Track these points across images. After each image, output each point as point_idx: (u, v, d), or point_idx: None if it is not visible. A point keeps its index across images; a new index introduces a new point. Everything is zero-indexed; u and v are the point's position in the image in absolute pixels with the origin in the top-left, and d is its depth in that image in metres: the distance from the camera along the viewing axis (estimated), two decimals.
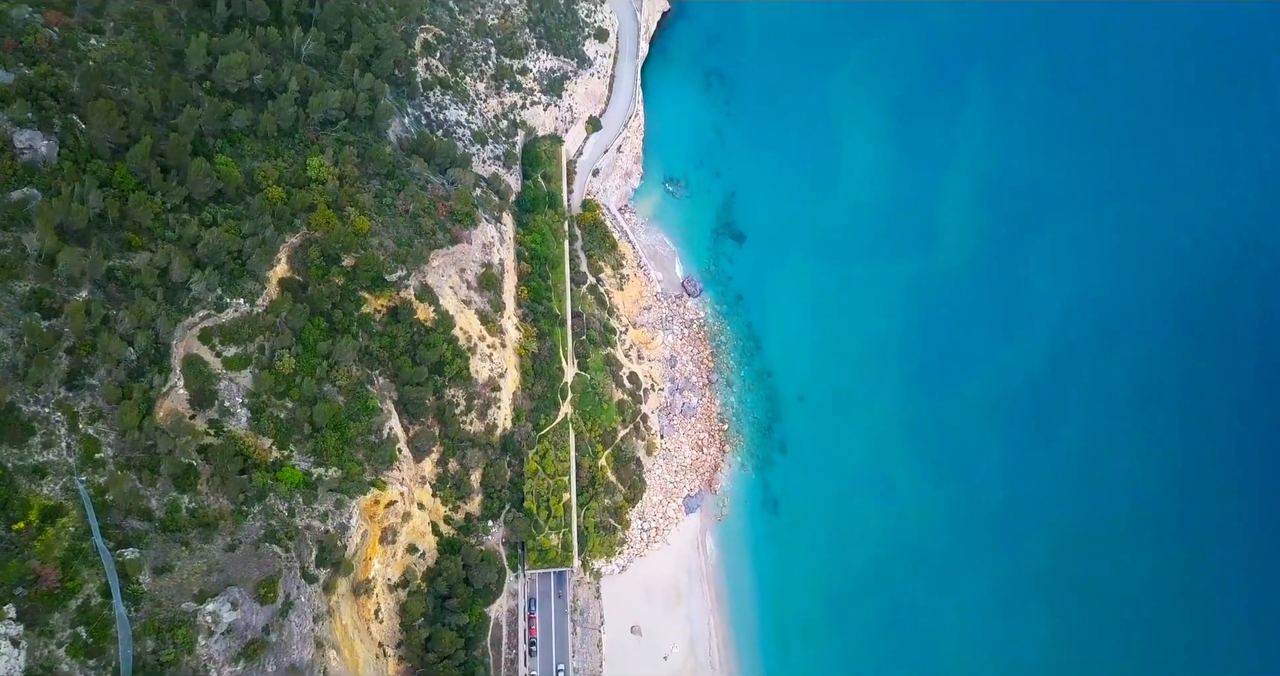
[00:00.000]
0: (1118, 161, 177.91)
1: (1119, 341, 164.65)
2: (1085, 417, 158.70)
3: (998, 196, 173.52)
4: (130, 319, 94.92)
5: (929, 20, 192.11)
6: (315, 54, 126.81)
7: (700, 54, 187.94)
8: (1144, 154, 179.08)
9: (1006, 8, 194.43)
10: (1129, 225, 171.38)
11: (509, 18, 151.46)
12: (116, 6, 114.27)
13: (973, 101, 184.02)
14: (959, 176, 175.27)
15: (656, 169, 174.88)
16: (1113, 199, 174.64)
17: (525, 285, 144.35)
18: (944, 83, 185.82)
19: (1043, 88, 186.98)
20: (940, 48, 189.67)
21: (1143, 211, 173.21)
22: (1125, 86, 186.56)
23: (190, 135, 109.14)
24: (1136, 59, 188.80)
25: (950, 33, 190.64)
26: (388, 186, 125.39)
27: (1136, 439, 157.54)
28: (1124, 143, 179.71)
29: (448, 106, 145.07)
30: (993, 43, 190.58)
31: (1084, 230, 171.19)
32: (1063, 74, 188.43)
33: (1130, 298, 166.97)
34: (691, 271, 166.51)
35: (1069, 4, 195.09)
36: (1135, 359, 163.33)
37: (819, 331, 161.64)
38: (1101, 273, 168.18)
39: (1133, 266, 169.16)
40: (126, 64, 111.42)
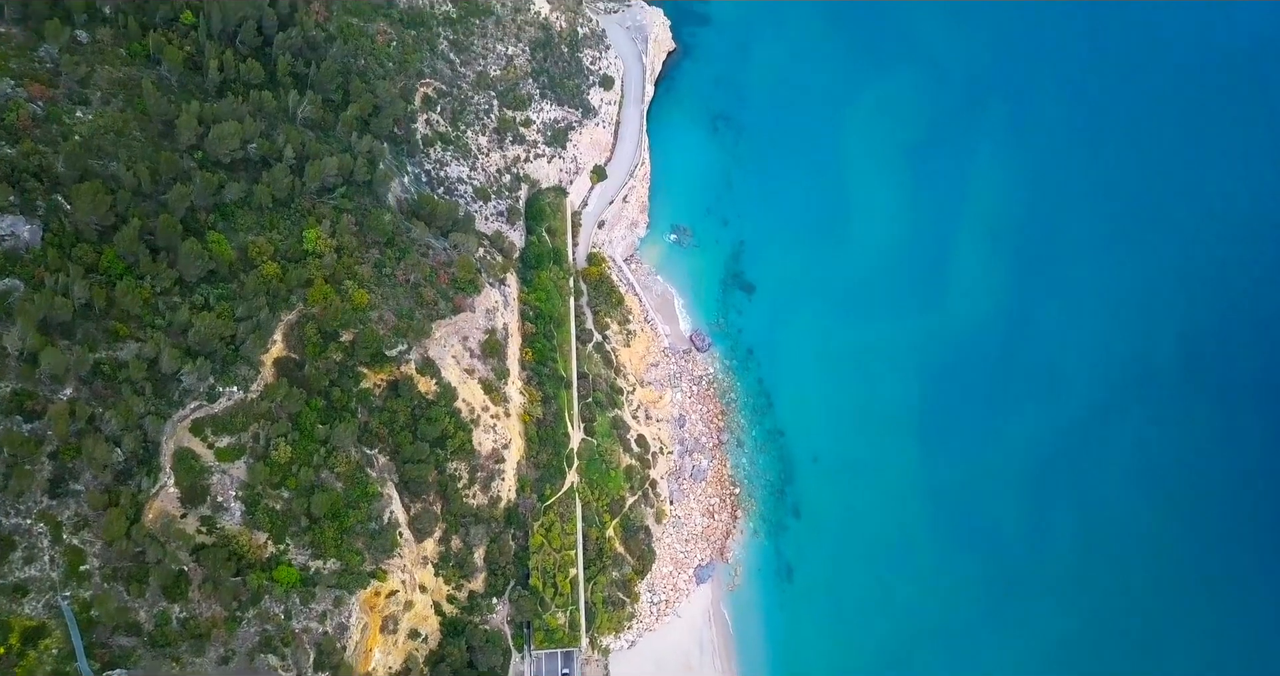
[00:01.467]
0: (1141, 209, 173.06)
1: (1147, 399, 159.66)
2: (1113, 479, 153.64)
3: (1015, 246, 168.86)
4: (117, 420, 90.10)
5: (940, 63, 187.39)
6: (311, 117, 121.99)
7: (707, 96, 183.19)
8: (1168, 200, 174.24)
9: (1019, 50, 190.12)
10: (1155, 277, 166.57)
11: (512, 68, 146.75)
12: (103, 74, 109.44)
13: (986, 147, 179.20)
14: (974, 225, 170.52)
15: (663, 217, 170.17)
16: (1137, 247, 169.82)
17: (529, 347, 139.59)
18: (957, 127, 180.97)
19: (1058, 132, 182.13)
20: (952, 91, 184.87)
21: (1169, 262, 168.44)
22: (1146, 132, 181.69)
23: (181, 212, 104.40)
24: (1157, 103, 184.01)
25: (962, 76, 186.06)
26: (388, 255, 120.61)
27: (1167, 502, 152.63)
28: (1147, 190, 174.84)
29: (449, 163, 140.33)
30: (1006, 86, 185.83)
31: (1107, 282, 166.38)
32: (1079, 118, 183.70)
33: (1158, 353, 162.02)
34: (700, 325, 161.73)
35: (1081, 45, 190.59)
36: (1166, 418, 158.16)
37: (833, 388, 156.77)
38: (1128, 326, 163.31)
39: (1160, 320, 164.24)
40: (114, 136, 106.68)
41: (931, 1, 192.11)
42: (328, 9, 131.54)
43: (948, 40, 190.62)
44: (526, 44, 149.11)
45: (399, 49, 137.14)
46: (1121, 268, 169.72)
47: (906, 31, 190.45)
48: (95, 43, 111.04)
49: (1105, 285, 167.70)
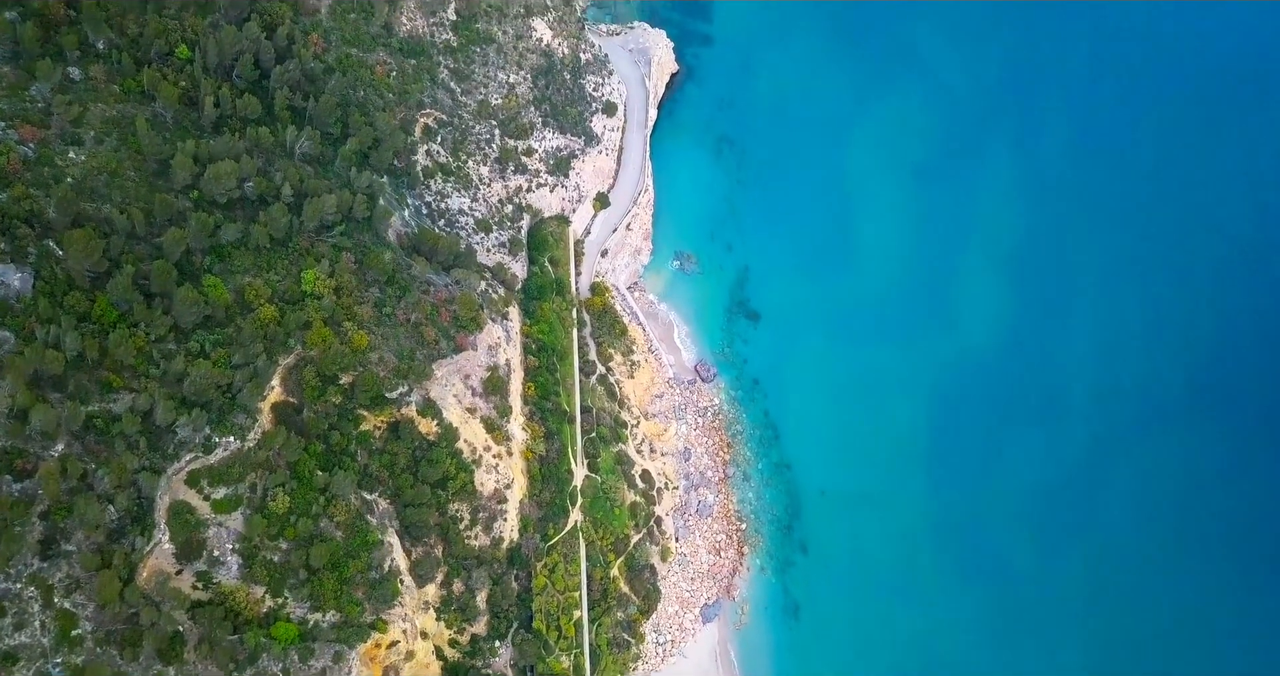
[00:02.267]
0: (1149, 231, 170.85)
1: (1154, 427, 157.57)
2: (1120, 509, 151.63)
3: (1021, 270, 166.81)
4: (111, 478, 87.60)
5: (945, 80, 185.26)
6: (310, 152, 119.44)
7: (710, 118, 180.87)
8: (1177, 222, 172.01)
9: (1024, 67, 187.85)
10: (1163, 301, 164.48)
11: (513, 97, 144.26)
12: (96, 112, 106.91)
13: (992, 168, 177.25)
14: (980, 249, 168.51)
15: (666, 243, 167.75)
16: (1144, 271, 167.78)
17: (532, 381, 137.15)
18: (962, 148, 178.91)
19: (1064, 151, 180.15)
20: (958, 110, 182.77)
21: (1177, 286, 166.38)
22: (1154, 151, 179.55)
23: (176, 256, 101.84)
24: (1165, 121, 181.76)
25: (967, 94, 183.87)
26: (388, 293, 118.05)
27: (1176, 532, 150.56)
28: (1155, 212, 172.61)
29: (450, 194, 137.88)
30: (1012, 104, 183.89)
31: (1114, 307, 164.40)
32: (1086, 136, 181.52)
33: (1167, 379, 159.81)
34: (704, 354, 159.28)
35: (1088, 59, 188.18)
36: (1174, 447, 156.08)
37: (839, 419, 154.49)
38: (1135, 352, 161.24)
39: (1169, 346, 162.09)
40: (108, 177, 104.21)
41: (935, 18, 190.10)
42: (326, 40, 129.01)
43: (952, 57, 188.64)
44: (528, 71, 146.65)
45: (399, 79, 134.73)
46: (1129, 292, 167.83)
47: (911, 49, 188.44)
48: (88, 80, 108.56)
49: (1112, 310, 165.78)
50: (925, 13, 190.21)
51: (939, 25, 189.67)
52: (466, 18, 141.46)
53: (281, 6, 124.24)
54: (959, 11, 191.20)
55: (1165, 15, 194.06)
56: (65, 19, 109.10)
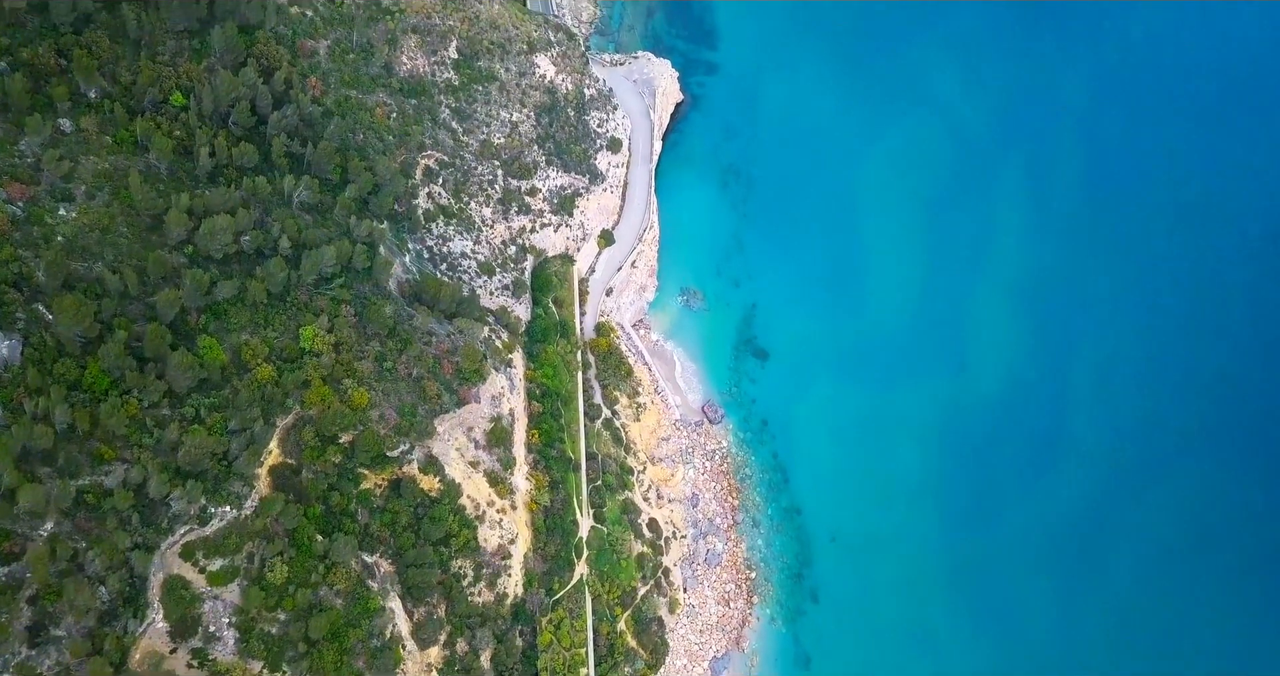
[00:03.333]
0: (1166, 265, 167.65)
1: (1172, 470, 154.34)
2: (1140, 556, 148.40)
3: (1035, 307, 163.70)
4: (102, 559, 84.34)
5: (954, 109, 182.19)
6: (308, 201, 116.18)
7: (716, 148, 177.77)
8: (1193, 255, 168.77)
9: (1034, 95, 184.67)
10: (1182, 339, 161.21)
11: (516, 136, 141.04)
12: (88, 166, 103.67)
13: (1004, 200, 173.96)
14: (993, 284, 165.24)
15: (672, 279, 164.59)
16: (1162, 307, 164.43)
17: (536, 428, 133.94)
18: (973, 178, 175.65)
19: (1077, 182, 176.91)
20: (968, 139, 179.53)
21: (1197, 323, 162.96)
22: (1168, 181, 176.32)
23: (170, 317, 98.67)
24: (1180, 149, 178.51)
25: (980, 125, 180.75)
26: (389, 346, 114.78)
27: (1196, 579, 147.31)
28: (1172, 244, 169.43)
29: (452, 238, 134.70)
30: (1022, 133, 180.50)
31: (1131, 344, 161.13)
32: (1098, 166, 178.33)
33: (1187, 421, 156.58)
34: (711, 394, 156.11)
35: (1099, 88, 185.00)
36: (1191, 489, 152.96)
37: (850, 460, 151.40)
38: (1154, 392, 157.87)
39: (1188, 387, 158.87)
40: (100, 234, 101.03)
41: (943, 45, 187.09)
42: (325, 82, 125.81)
43: (961, 84, 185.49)
44: (531, 109, 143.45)
45: (399, 120, 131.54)
46: (1144, 329, 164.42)
47: (919, 76, 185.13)
48: (80, 132, 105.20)
49: (1127, 349, 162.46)
50: (933, 40, 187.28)
51: (947, 52, 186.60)
52: (468, 56, 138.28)
53: (279, 50, 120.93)
54: (967, 37, 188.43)
55: (1179, 39, 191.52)
56: (56, 69, 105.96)
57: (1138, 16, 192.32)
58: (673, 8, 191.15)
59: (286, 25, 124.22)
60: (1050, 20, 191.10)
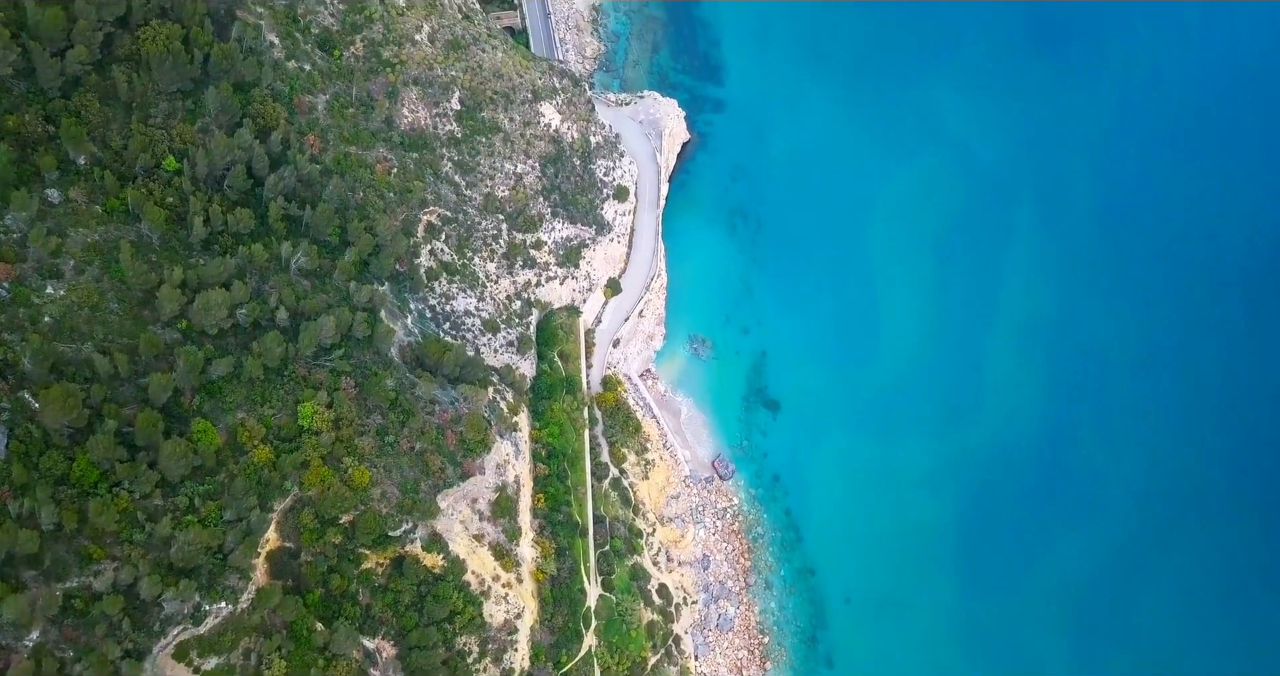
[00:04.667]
0: (1184, 310, 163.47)
1: (1195, 525, 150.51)
2: (1165, 615, 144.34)
3: (1052, 356, 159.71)
4: (91, 671, 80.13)
5: (970, 149, 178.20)
6: (306, 267, 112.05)
7: (724, 189, 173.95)
8: (1215, 299, 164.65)
9: (1047, 133, 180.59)
10: (1202, 387, 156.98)
11: (520, 188, 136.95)
12: (77, 238, 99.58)
13: (1017, 241, 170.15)
14: (1008, 331, 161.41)
15: (680, 327, 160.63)
16: (1181, 353, 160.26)
17: (542, 491, 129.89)
18: (986, 219, 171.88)
19: (1091, 223, 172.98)
20: (980, 178, 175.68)
21: (1217, 370, 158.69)
22: (1187, 219, 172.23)
23: (163, 400, 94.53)
24: (1200, 188, 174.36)
25: (992, 163, 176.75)
26: (390, 419, 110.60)
27: (1223, 639, 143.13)
28: (1190, 288, 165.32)
29: (455, 296, 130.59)
30: (1035, 172, 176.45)
31: (1150, 393, 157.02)
32: (1113, 206, 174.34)
33: (1206, 472, 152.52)
34: (722, 448, 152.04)
35: (1113, 123, 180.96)
36: (1217, 543, 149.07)
37: (863, 516, 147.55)
38: (1173, 443, 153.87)
39: (1208, 436, 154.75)
40: (89, 312, 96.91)
41: (954, 81, 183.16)
42: (324, 139, 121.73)
43: (972, 121, 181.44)
44: (536, 160, 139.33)
45: (400, 176, 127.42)
46: (1165, 377, 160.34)
47: (930, 114, 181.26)
48: (68, 202, 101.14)
49: (1148, 397, 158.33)
50: (943, 74, 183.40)
51: (958, 87, 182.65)
52: (471, 107, 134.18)
53: (275, 107, 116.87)
54: (977, 71, 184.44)
55: (1194, 73, 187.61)
56: (43, 136, 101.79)
57: (1150, 49, 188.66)
58: (678, 43, 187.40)
59: (284, 81, 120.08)
60: (1061, 54, 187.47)
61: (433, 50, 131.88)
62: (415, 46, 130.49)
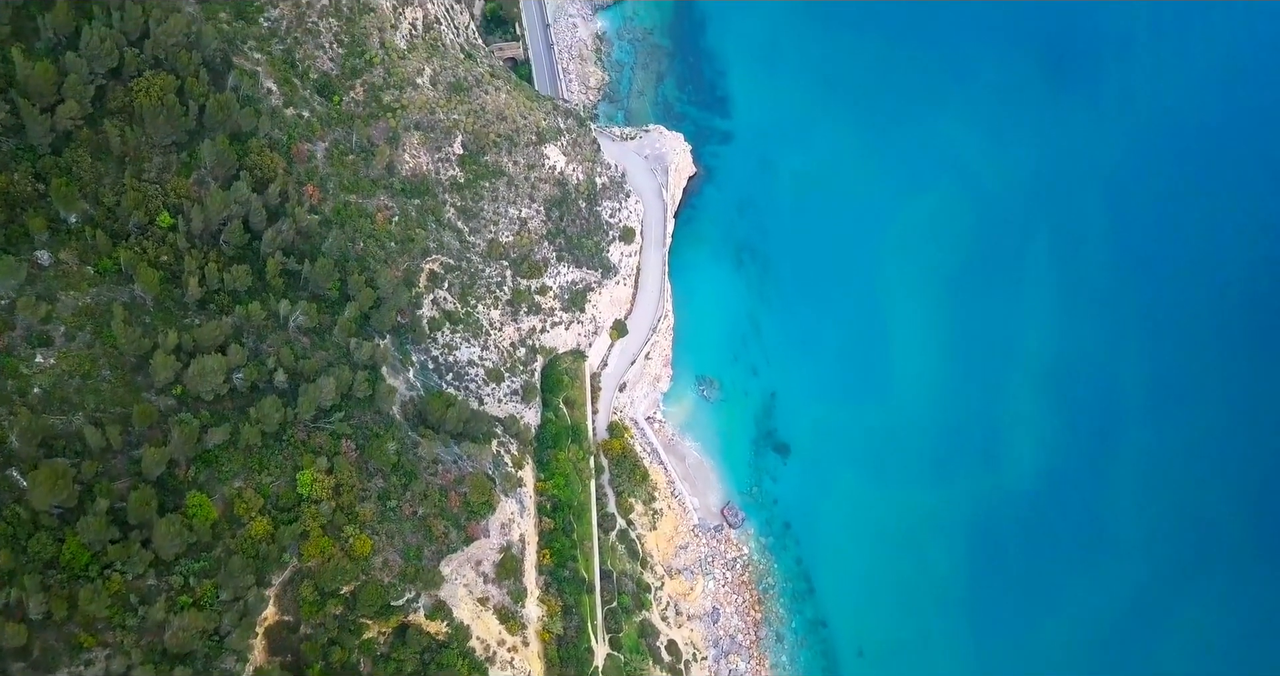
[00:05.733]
0: (1202, 347, 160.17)
1: (1216, 568, 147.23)
2: (1187, 658, 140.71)
3: (1066, 395, 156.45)
4: None
5: (980, 182, 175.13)
6: (305, 325, 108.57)
7: (731, 224, 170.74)
8: (1233, 336, 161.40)
9: (1061, 164, 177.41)
10: (1222, 431, 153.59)
11: (525, 233, 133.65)
12: (68, 303, 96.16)
13: (1034, 279, 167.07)
14: (1022, 371, 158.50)
15: (687, 367, 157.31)
16: (1200, 395, 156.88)
17: (548, 547, 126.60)
18: (998, 255, 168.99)
19: (1106, 258, 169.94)
20: (992, 212, 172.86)
21: (1236, 411, 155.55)
22: (1202, 253, 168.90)
23: (157, 474, 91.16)
24: (1214, 221, 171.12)
25: (1003, 196, 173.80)
26: (392, 482, 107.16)
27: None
28: (1207, 322, 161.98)
29: (458, 346, 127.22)
30: (1051, 208, 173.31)
31: (1168, 437, 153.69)
32: (1129, 241, 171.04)
33: (1225, 518, 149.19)
34: (731, 495, 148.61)
35: (1127, 155, 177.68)
36: (1238, 586, 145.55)
37: (876, 565, 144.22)
38: (1191, 489, 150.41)
39: (1228, 481, 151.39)
40: (80, 380, 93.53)
41: (963, 111, 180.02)
42: (323, 188, 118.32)
43: (982, 154, 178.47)
44: (541, 203, 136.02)
45: (401, 224, 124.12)
46: (1181, 416, 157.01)
47: (942, 146, 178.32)
48: (58, 264, 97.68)
49: (1163, 437, 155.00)
50: (955, 104, 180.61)
51: (968, 119, 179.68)
52: (474, 151, 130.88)
53: (273, 157, 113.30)
54: (990, 101, 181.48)
55: (1209, 103, 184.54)
56: (33, 195, 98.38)
57: (1163, 80, 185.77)
58: (683, 73, 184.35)
59: (281, 129, 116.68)
60: (1072, 84, 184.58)
61: (435, 93, 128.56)
62: (417, 90, 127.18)
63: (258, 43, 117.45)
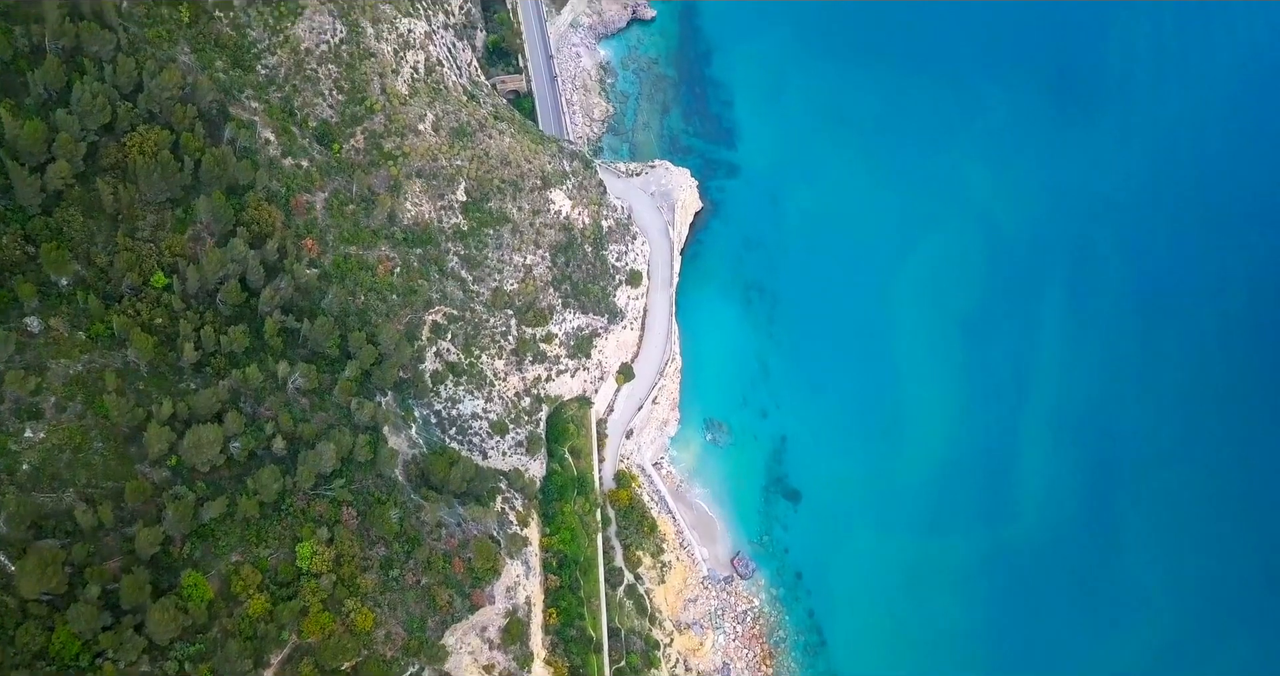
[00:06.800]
0: (1223, 393, 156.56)
1: (1238, 620, 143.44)
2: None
3: (1086, 444, 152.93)
4: None
5: (994, 219, 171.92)
6: (304, 386, 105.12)
7: (738, 261, 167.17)
8: (1254, 381, 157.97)
9: (1076, 198, 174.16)
10: (1243, 478, 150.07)
11: (530, 280, 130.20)
12: (58, 372, 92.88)
13: (1047, 319, 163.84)
14: (1039, 418, 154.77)
15: (695, 410, 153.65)
16: (1222, 441, 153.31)
17: (554, 605, 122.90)
18: (1012, 295, 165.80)
19: (1123, 298, 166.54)
20: (1005, 251, 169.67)
21: (1260, 458, 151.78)
22: (1220, 295, 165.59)
23: (150, 553, 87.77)
24: (1232, 261, 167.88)
25: (1017, 234, 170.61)
26: (395, 550, 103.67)
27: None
28: (1228, 367, 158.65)
29: (461, 399, 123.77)
30: (1066, 247, 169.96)
31: (1190, 484, 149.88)
32: (1145, 278, 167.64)
33: (1253, 566, 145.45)
34: (741, 544, 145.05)
35: (1149, 198, 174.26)
36: (1263, 637, 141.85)
37: (891, 619, 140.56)
38: (1216, 537, 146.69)
39: (1250, 528, 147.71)
40: (71, 454, 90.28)
41: (975, 147, 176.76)
42: (322, 241, 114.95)
43: (996, 191, 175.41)
44: (547, 249, 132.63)
45: (403, 275, 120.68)
46: (1206, 464, 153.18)
47: (952, 179, 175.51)
48: (48, 332, 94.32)
49: (1189, 486, 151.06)
50: (965, 137, 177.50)
51: (981, 155, 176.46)
52: (478, 198, 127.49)
53: (271, 211, 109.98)
54: (1001, 139, 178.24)
55: (1223, 134, 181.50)
56: (23, 258, 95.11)
57: (1181, 115, 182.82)
58: (689, 104, 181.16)
59: (280, 180, 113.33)
60: (1087, 120, 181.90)
61: (437, 139, 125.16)
62: (419, 136, 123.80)
63: (255, 91, 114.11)
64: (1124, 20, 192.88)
